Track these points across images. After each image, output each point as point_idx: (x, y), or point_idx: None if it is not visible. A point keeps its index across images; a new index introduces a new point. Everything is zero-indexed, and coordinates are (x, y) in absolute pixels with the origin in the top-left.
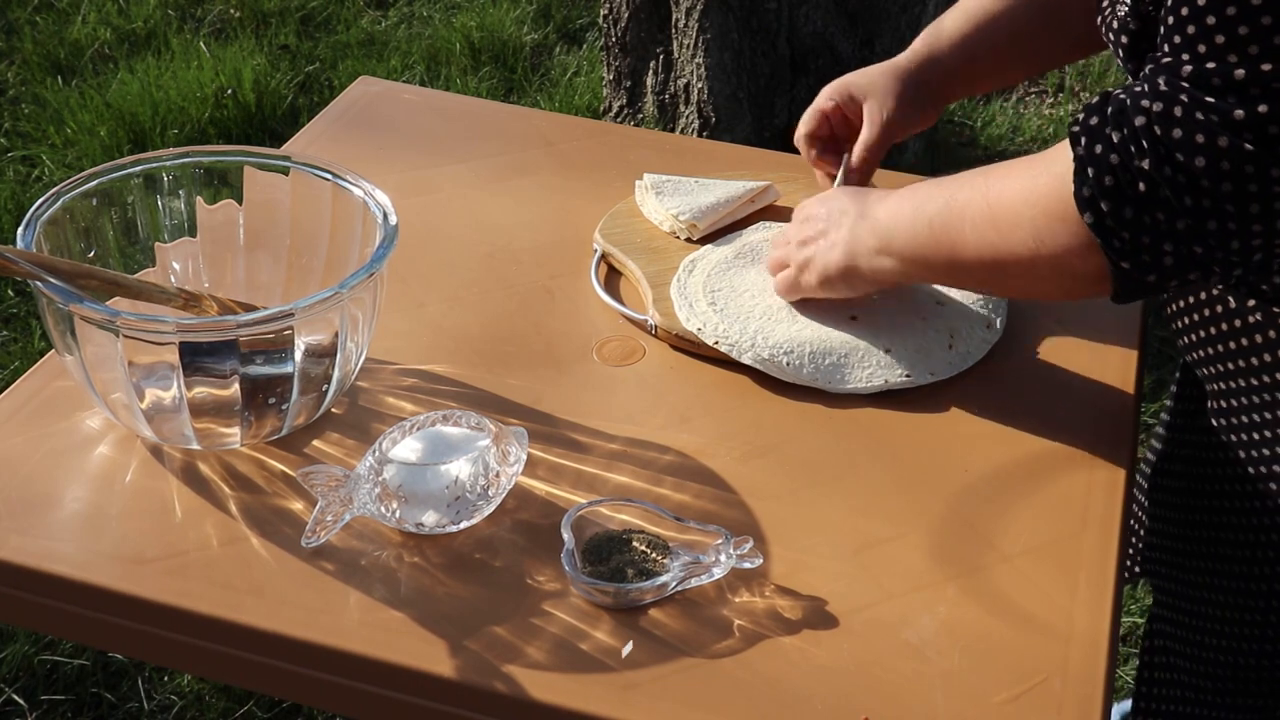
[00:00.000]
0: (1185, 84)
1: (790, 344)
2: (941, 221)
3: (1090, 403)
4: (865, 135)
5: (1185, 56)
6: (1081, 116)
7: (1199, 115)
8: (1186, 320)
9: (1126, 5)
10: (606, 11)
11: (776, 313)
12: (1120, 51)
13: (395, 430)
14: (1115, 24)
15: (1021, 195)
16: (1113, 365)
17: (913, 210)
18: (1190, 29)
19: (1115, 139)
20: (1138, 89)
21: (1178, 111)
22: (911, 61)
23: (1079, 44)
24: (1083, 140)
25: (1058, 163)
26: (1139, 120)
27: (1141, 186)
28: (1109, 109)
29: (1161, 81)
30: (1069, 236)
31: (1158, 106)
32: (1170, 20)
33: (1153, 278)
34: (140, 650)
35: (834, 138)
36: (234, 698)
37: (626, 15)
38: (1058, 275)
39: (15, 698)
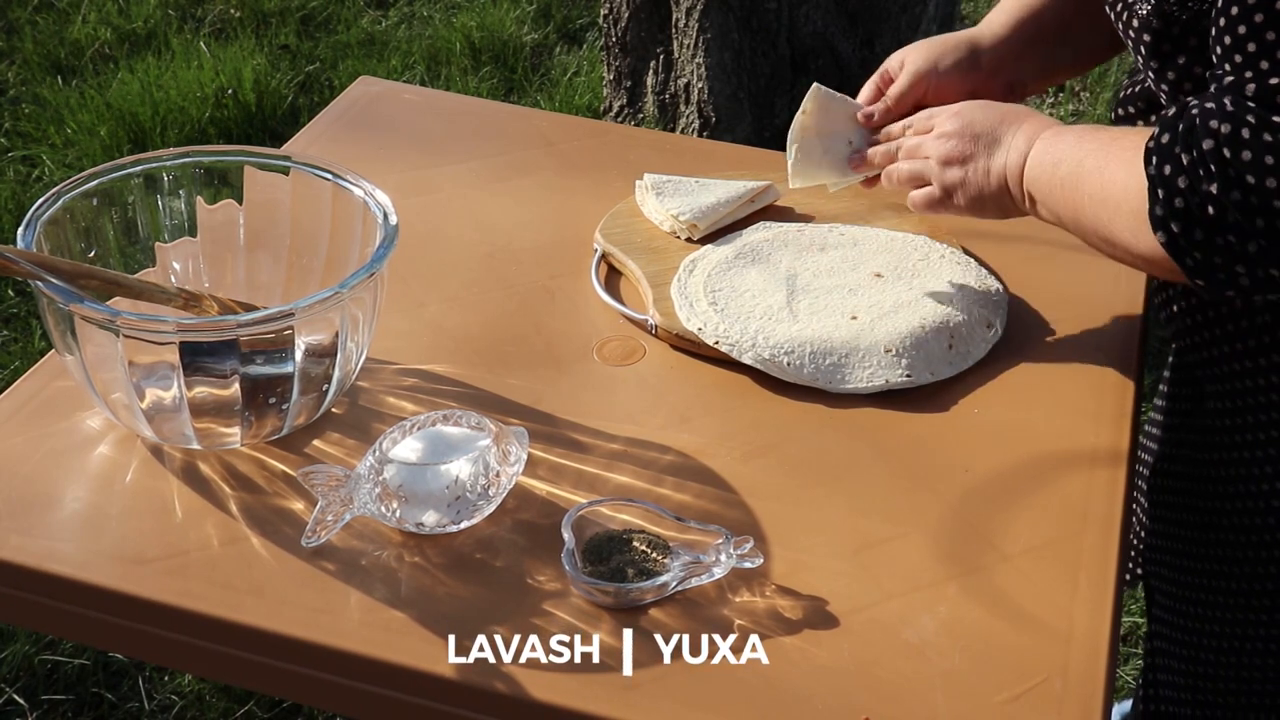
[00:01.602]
0: (1251, 103)
1: (790, 344)
2: (1073, 183)
3: (1090, 403)
4: (895, 85)
5: (1248, 74)
6: (1156, 132)
7: (1267, 136)
8: (1189, 321)
9: (1149, 4)
10: (606, 11)
11: (777, 313)
12: (1142, 49)
13: (395, 430)
14: (1135, 23)
15: (1121, 188)
16: (1113, 365)
17: (1053, 164)
18: (1251, 46)
19: (1185, 161)
20: (1209, 105)
21: (1245, 133)
22: (965, 32)
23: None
24: (1154, 160)
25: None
26: (1207, 144)
27: (1210, 210)
28: (1180, 125)
29: (1228, 101)
30: (1152, 242)
31: (1225, 128)
32: (1227, 38)
33: (1231, 293)
34: (141, 650)
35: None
36: (234, 698)
37: (626, 15)
38: (1153, 267)
39: (16, 697)
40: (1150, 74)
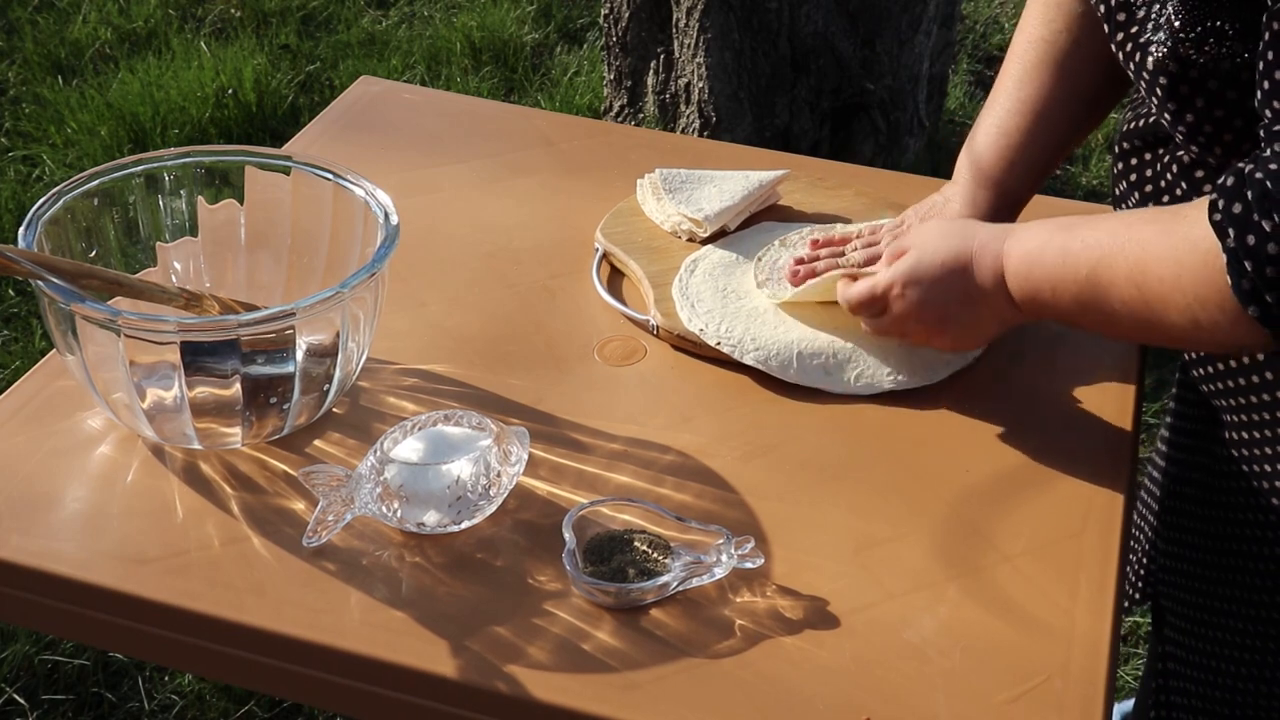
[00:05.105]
0: None
1: (778, 344)
2: (1090, 297)
3: (1091, 402)
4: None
5: None
6: (1222, 204)
7: None
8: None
9: (1165, 47)
10: (607, 11)
11: (762, 315)
12: (1158, 91)
13: (396, 430)
14: (1150, 64)
15: (1170, 278)
16: (1114, 364)
17: (1052, 287)
18: None
19: (1268, 227)
20: (1274, 166)
21: None
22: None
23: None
24: (1231, 232)
25: (1200, 236)
26: None
27: None
28: (1248, 192)
29: None
30: (1230, 321)
31: None
32: None
33: None
34: (141, 650)
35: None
36: (235, 698)
37: (627, 15)
38: (1217, 345)
39: (16, 697)
40: (1167, 116)
